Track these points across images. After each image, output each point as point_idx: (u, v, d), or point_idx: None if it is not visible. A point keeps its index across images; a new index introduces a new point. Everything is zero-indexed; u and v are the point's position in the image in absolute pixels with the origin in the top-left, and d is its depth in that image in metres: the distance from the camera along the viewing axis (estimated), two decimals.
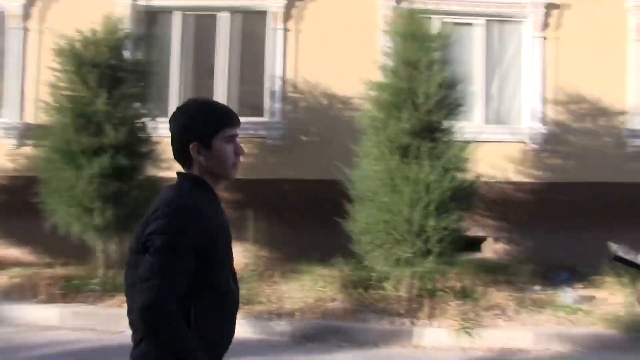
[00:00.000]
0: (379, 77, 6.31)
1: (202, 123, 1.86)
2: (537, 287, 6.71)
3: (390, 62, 6.21)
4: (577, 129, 7.86)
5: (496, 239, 7.81)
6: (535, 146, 7.76)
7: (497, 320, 5.72)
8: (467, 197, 6.18)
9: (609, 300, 6.42)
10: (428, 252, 5.80)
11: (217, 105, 2.00)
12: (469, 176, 6.21)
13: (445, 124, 6.20)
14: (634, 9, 7.86)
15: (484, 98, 7.80)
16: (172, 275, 1.68)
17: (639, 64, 7.87)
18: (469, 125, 6.92)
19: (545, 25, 7.73)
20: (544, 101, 7.77)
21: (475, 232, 7.36)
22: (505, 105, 7.99)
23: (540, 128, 7.74)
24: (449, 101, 6.15)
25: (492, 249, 7.80)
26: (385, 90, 6.03)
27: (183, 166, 1.90)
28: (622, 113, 7.89)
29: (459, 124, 6.35)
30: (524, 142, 7.78)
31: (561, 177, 7.79)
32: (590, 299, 6.42)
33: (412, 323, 5.60)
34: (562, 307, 6.09)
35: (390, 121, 5.96)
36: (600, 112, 7.84)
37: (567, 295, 6.43)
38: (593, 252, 7.20)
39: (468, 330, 5.44)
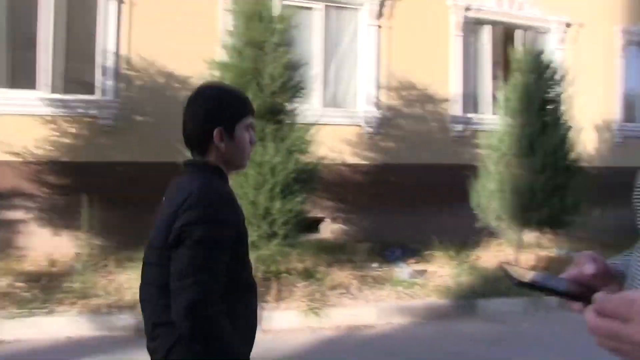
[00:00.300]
0: (220, 56, 6.12)
1: (229, 109, 1.79)
2: (375, 265, 7.03)
3: (233, 42, 6.02)
4: (408, 114, 8.33)
5: (333, 220, 8.03)
6: (370, 129, 8.08)
7: (342, 299, 5.88)
8: (310, 179, 6.25)
9: (439, 273, 6.94)
10: (273, 235, 5.78)
11: (239, 92, 1.92)
12: (311, 158, 6.28)
13: (289, 106, 6.20)
14: (453, 7, 8.51)
15: (322, 82, 7.95)
16: (216, 269, 1.58)
17: (458, 57, 8.56)
18: (309, 108, 6.99)
19: (380, 15, 8.07)
20: (378, 86, 8.12)
21: (313, 213, 7.51)
22: (342, 89, 8.22)
23: (375, 112, 8.08)
24: (293, 84, 6.14)
25: (329, 230, 8.01)
26: (229, 70, 5.84)
27: (195, 152, 1.79)
28: (446, 100, 8.52)
29: (300, 106, 6.39)
30: (359, 126, 8.07)
31: (393, 159, 8.23)
32: (423, 272, 6.87)
33: (260, 307, 5.54)
34: (400, 282, 6.44)
35: None
36: (427, 98, 8.39)
37: (403, 270, 6.81)
38: (422, 228, 7.79)
39: (316, 310, 5.52)
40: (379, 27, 8.06)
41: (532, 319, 5.85)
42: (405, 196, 7.98)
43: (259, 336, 5.46)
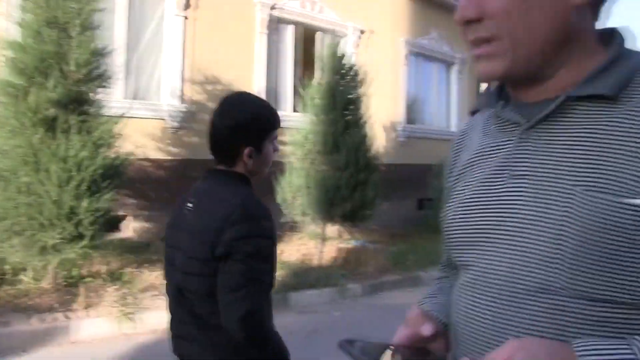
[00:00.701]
0: (7, 34, 5.43)
1: (259, 126, 1.83)
2: None
3: (29, 20, 5.33)
4: (212, 109, 8.15)
5: (135, 217, 7.61)
6: (174, 124, 7.80)
7: (156, 301, 5.56)
8: (117, 175, 5.84)
9: None
10: (79, 237, 5.29)
11: (268, 105, 1.94)
12: (117, 153, 5.88)
13: (94, 96, 5.72)
14: (259, 5, 8.58)
15: (124, 72, 7.44)
16: (262, 279, 1.70)
17: (263, 54, 8.66)
18: (111, 99, 6.53)
19: (187, 5, 7.80)
20: (183, 80, 7.85)
21: (114, 211, 7.03)
22: (145, 80, 7.79)
23: (179, 106, 7.81)
24: (99, 72, 5.67)
25: (131, 228, 7.57)
26: (26, 52, 5.16)
27: (222, 161, 1.83)
28: None
29: (105, 97, 5.95)
30: (163, 119, 7.73)
31: (198, 154, 8.02)
32: None
33: (67, 317, 5.02)
34: None
35: (33, 89, 5.17)
36: None
37: None
38: None
39: (129, 315, 5.17)
40: (186, 18, 7.79)
41: (341, 307, 6.19)
42: None
43: (65, 349, 4.97)
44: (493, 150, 0.95)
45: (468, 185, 0.97)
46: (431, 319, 0.97)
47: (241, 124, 1.81)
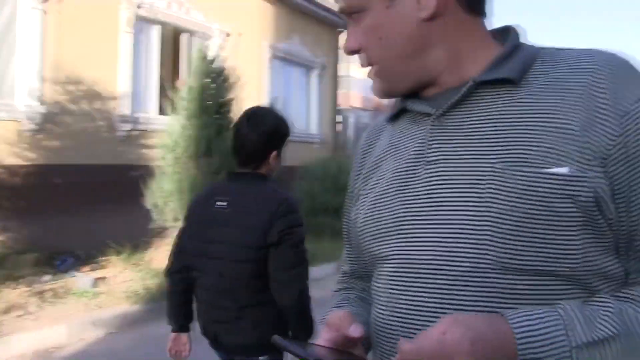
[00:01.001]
0: None
1: (283, 134, 2.18)
2: (47, 277, 6.37)
3: None
4: (74, 111, 7.73)
5: None
6: (32, 126, 7.23)
7: (22, 322, 5.15)
8: None
9: (119, 278, 6.67)
10: None
11: (283, 115, 2.25)
12: None
13: None
14: (125, 3, 8.23)
15: None
16: (307, 260, 2.08)
17: (127, 54, 8.32)
18: None
19: None
20: (43, 79, 7.30)
21: None
22: None
23: (38, 107, 7.26)
24: None
25: None
26: None
27: (248, 164, 2.12)
28: (114, 98, 8.19)
29: None
30: (19, 121, 7.14)
31: (58, 159, 7.55)
32: (103, 279, 6.52)
33: None
34: (82, 293, 5.99)
35: None
36: (95, 95, 7.92)
37: (81, 280, 6.34)
38: (92, 232, 7.35)
39: None
40: (44, 12, 7.22)
41: None
42: (72, 199, 7.41)
43: None
44: (404, 143, 0.97)
45: (381, 178, 0.98)
46: (359, 322, 0.88)
47: (272, 131, 2.13)
